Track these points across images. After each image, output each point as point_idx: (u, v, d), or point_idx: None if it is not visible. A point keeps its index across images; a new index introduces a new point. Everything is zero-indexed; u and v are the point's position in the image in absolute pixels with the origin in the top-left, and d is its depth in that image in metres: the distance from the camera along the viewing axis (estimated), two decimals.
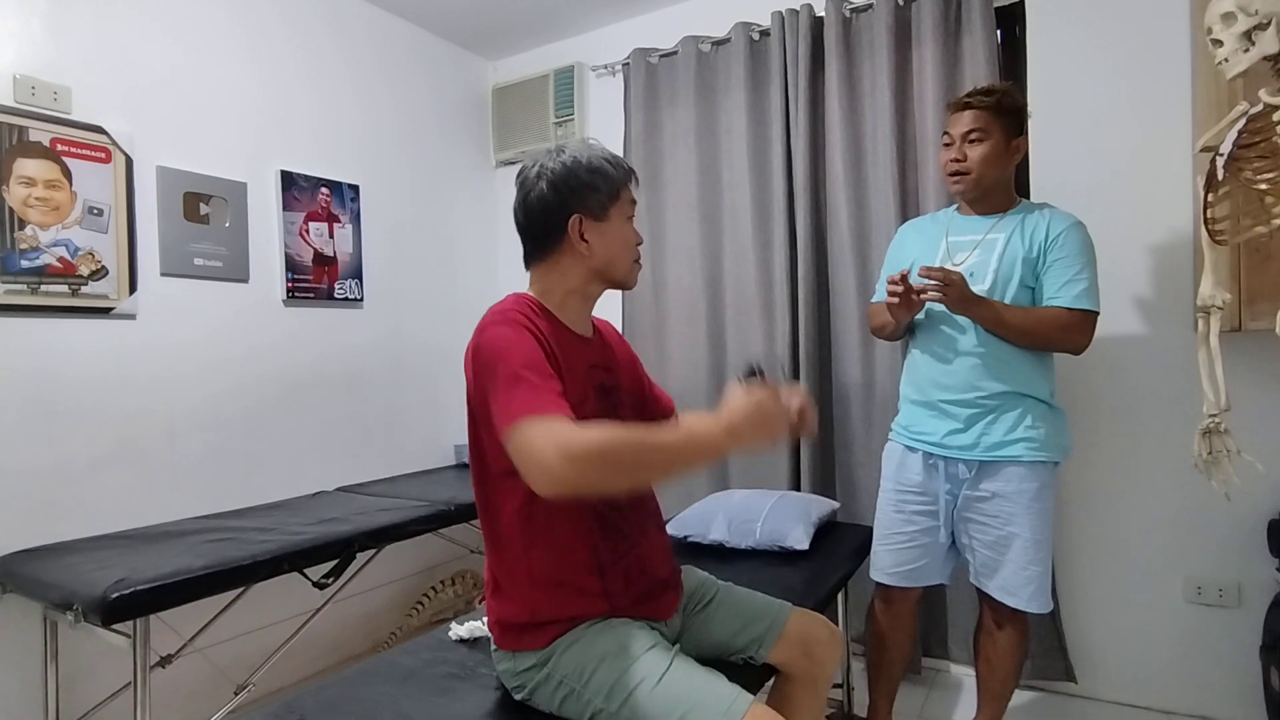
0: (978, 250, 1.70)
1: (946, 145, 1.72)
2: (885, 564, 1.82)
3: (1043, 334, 1.62)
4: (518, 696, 1.18)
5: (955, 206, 1.83)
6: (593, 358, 1.24)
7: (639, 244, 1.27)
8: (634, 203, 1.25)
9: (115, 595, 1.50)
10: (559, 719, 1.13)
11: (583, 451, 0.94)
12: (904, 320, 1.74)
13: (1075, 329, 1.62)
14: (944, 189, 2.26)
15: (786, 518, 1.95)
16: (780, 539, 1.91)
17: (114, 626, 1.54)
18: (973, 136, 1.66)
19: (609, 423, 1.08)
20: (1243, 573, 2.00)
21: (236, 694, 1.91)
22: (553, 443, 0.94)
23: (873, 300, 1.95)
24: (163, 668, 1.83)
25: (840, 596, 2.06)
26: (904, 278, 1.64)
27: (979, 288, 1.64)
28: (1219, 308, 1.49)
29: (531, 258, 1.25)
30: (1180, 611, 2.08)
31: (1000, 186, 1.72)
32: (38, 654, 1.86)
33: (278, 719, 1.13)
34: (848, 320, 2.46)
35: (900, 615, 1.87)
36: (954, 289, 1.58)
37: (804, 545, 1.90)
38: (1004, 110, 1.66)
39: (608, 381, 1.25)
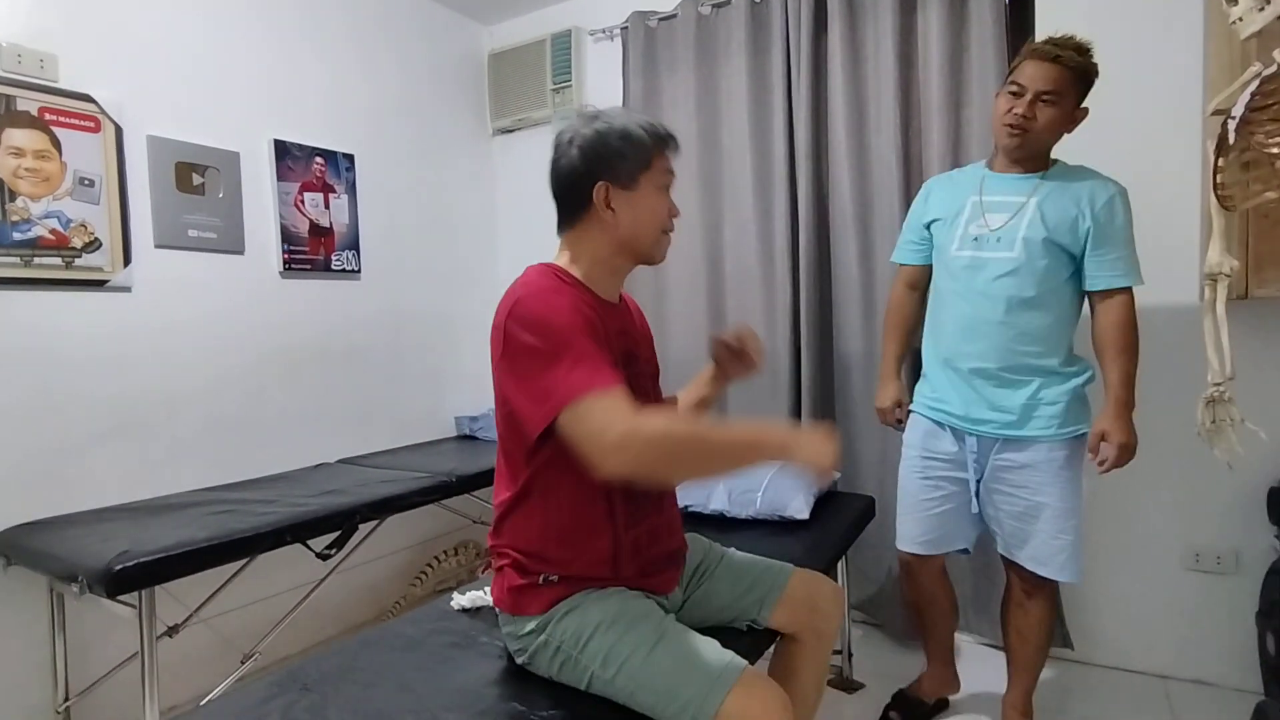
0: (1014, 216, 1.62)
1: (1013, 94, 1.56)
2: (913, 533, 1.80)
3: (1134, 341, 1.60)
4: (519, 660, 1.19)
5: (986, 161, 1.74)
6: (620, 324, 1.24)
7: (674, 216, 1.23)
8: (670, 173, 1.21)
9: (120, 567, 1.51)
10: (558, 685, 1.14)
11: (647, 440, 0.96)
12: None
13: (1131, 310, 1.59)
14: (948, 157, 2.22)
15: (787, 487, 1.95)
16: (781, 508, 1.92)
17: (120, 598, 1.56)
18: (1048, 96, 1.53)
19: (665, 409, 1.07)
20: (1241, 540, 2.01)
21: (243, 663, 1.93)
22: (620, 428, 0.96)
23: (897, 260, 1.89)
24: (170, 637, 1.85)
25: (841, 565, 2.07)
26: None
27: (1008, 254, 1.60)
28: (1226, 275, 1.46)
29: (561, 224, 1.23)
30: (1178, 578, 2.10)
31: (1049, 149, 1.64)
32: (45, 625, 1.88)
33: (281, 687, 1.15)
34: (849, 290, 2.44)
35: (927, 584, 1.86)
36: (1126, 452, 1.58)
37: (804, 514, 1.91)
38: (1085, 75, 1.55)
39: (632, 349, 1.25)
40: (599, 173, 1.15)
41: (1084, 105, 1.60)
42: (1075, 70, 1.53)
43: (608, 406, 0.99)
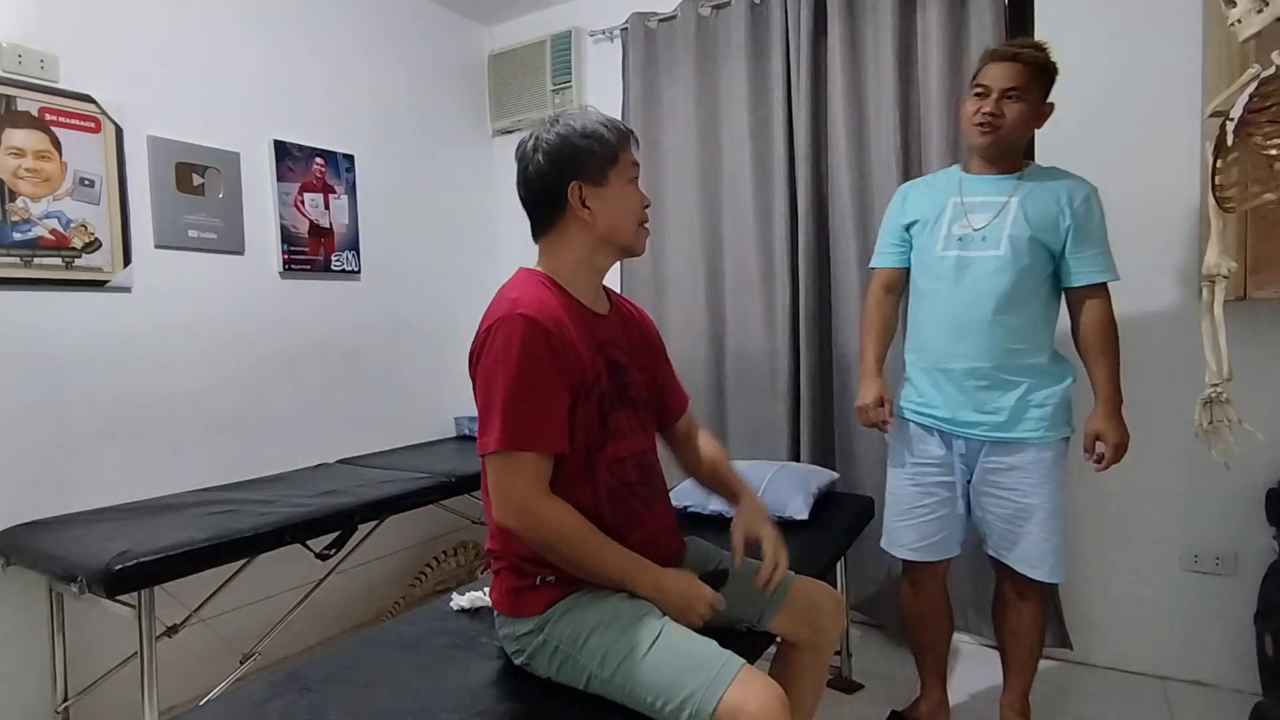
0: (997, 215, 1.63)
1: (979, 95, 1.61)
2: (909, 540, 1.78)
3: (1116, 338, 1.65)
4: (517, 661, 1.19)
5: (960, 165, 1.77)
6: (605, 335, 1.24)
7: (645, 206, 1.25)
8: (635, 165, 1.24)
9: (119, 567, 1.51)
10: (557, 685, 1.15)
11: (543, 523, 1.08)
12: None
13: (1110, 308, 1.64)
14: (948, 157, 2.22)
15: (786, 488, 1.96)
16: (780, 509, 1.92)
17: (119, 598, 1.56)
18: (1012, 94, 1.58)
19: (579, 504, 1.12)
20: (1240, 541, 2.01)
21: (242, 663, 1.93)
22: (524, 500, 1.08)
23: (873, 265, 1.88)
24: (169, 638, 1.85)
25: (840, 565, 2.07)
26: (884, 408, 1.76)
27: (994, 253, 1.61)
28: (1224, 276, 1.46)
29: (538, 232, 1.25)
30: (1177, 579, 2.10)
31: (1020, 147, 1.67)
32: (44, 625, 1.88)
33: (281, 687, 1.15)
34: (848, 290, 2.44)
35: (932, 593, 1.85)
36: (1121, 450, 1.62)
37: (803, 515, 1.91)
38: (1045, 71, 1.60)
39: (620, 359, 1.25)
40: (570, 173, 1.17)
41: (1050, 101, 1.63)
42: (1034, 66, 1.58)
43: (525, 471, 1.08)
